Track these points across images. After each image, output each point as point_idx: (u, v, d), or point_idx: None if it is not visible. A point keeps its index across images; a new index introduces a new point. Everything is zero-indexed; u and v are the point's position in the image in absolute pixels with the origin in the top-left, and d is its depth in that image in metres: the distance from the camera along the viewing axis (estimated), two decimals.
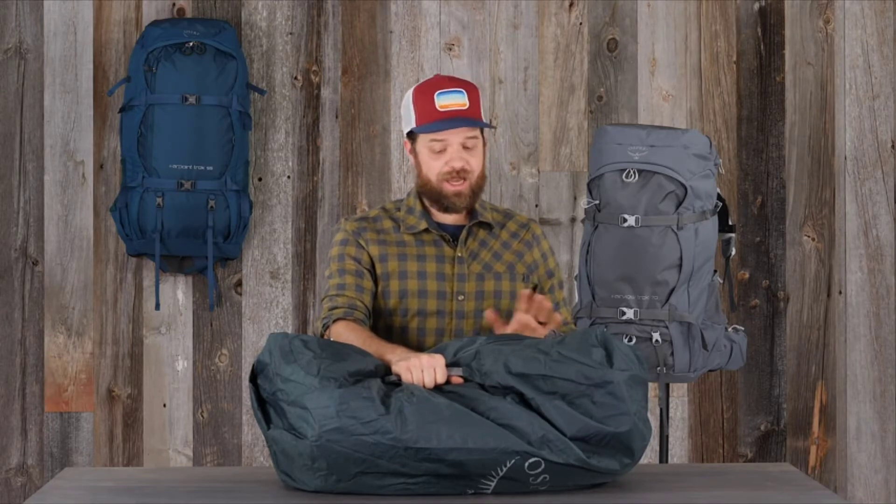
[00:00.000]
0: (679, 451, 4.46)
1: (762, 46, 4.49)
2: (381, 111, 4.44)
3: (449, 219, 3.21)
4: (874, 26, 4.48)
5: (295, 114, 4.44)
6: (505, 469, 2.62)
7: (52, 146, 4.39)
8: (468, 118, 3.13)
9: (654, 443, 4.43)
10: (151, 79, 4.22)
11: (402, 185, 4.43)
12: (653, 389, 4.43)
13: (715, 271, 3.73)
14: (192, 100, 4.21)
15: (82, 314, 4.40)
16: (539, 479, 2.64)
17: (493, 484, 2.64)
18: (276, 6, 4.43)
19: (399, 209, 3.23)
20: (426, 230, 3.18)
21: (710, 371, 3.77)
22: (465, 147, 3.15)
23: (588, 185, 3.73)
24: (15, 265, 4.40)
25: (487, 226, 3.23)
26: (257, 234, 4.43)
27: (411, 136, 3.19)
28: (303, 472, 2.65)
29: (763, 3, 4.48)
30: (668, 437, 3.81)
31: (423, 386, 2.74)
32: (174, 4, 4.41)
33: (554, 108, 4.46)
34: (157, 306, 4.32)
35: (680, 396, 4.46)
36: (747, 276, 4.48)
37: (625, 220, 3.63)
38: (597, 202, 3.69)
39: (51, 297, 4.39)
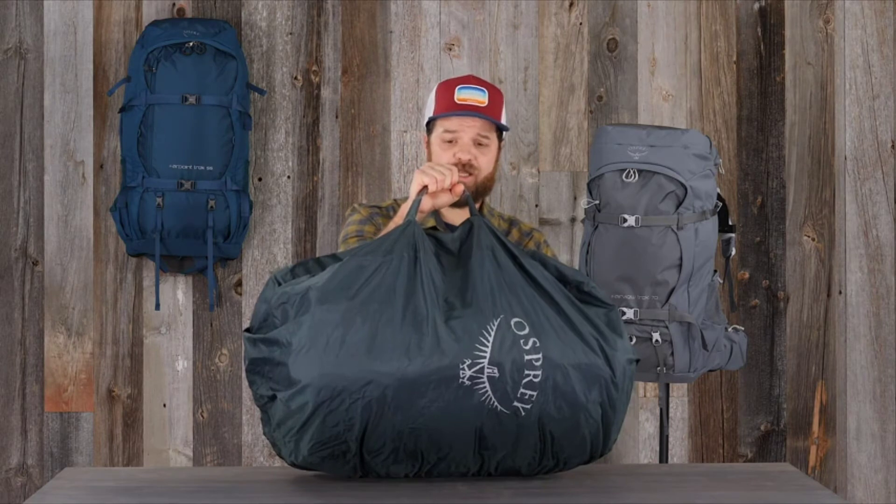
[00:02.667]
0: (679, 451, 4.46)
1: (762, 46, 4.49)
2: (381, 111, 4.44)
3: (457, 219, 3.22)
4: (874, 26, 4.48)
5: (295, 114, 4.44)
6: (494, 328, 2.59)
7: (52, 146, 4.39)
8: (482, 113, 3.16)
9: (653, 443, 4.43)
10: (151, 79, 4.22)
11: (402, 185, 4.43)
12: (653, 389, 4.43)
13: (715, 271, 3.73)
14: (192, 100, 4.22)
15: (82, 314, 4.40)
16: (530, 344, 2.60)
17: (487, 351, 2.56)
18: (276, 6, 4.43)
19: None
20: (434, 228, 3.20)
21: (710, 371, 3.77)
22: (476, 144, 3.18)
23: (588, 185, 3.73)
24: (15, 265, 4.40)
25: None
26: (257, 234, 4.43)
27: (429, 127, 3.23)
28: (298, 432, 2.61)
29: (763, 3, 4.48)
30: (668, 437, 3.81)
31: (442, 181, 2.85)
32: (174, 4, 4.41)
33: (554, 108, 4.46)
34: (157, 306, 4.32)
35: (680, 396, 4.46)
36: (747, 276, 4.48)
37: (625, 220, 3.63)
38: (597, 202, 3.70)
39: (51, 297, 4.39)
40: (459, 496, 2.64)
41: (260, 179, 4.43)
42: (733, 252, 3.84)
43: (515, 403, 2.60)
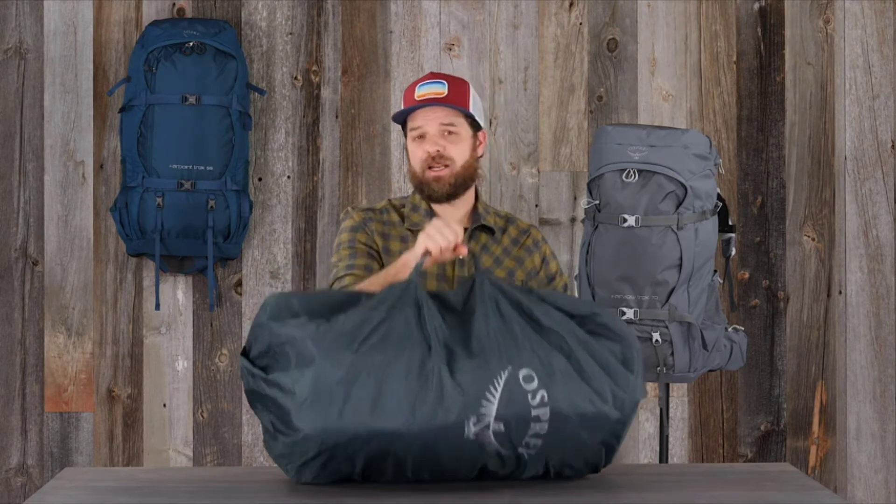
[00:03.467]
0: (679, 451, 4.46)
1: (762, 46, 4.49)
2: (381, 111, 4.44)
3: (453, 217, 3.22)
4: (874, 26, 4.48)
5: (295, 114, 4.44)
6: (501, 383, 2.59)
7: (52, 146, 4.39)
8: (440, 102, 3.15)
9: (653, 443, 4.43)
10: (151, 79, 4.22)
11: (402, 185, 4.43)
12: (653, 389, 4.43)
13: (715, 271, 3.73)
14: (192, 100, 4.22)
15: (82, 314, 4.40)
16: (538, 399, 2.59)
17: (494, 407, 2.56)
18: (276, 6, 4.43)
19: (404, 206, 3.26)
20: None
21: (710, 371, 3.77)
22: (445, 133, 3.17)
23: (588, 185, 3.73)
24: (15, 265, 4.40)
25: (489, 230, 3.24)
26: (257, 234, 4.43)
27: (405, 132, 3.25)
28: (300, 466, 2.62)
29: (763, 3, 4.48)
30: (668, 437, 3.81)
31: (447, 248, 2.81)
32: (174, 4, 4.42)
33: (554, 108, 4.46)
34: (157, 306, 4.32)
35: (680, 396, 4.46)
36: (747, 276, 4.48)
37: (625, 220, 3.63)
38: (597, 202, 3.70)
39: (51, 297, 4.39)
40: (460, 496, 2.65)
41: (260, 179, 4.43)
42: (733, 252, 3.84)
43: (520, 450, 2.62)
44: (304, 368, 2.56)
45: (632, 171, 3.65)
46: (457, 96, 3.19)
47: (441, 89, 3.19)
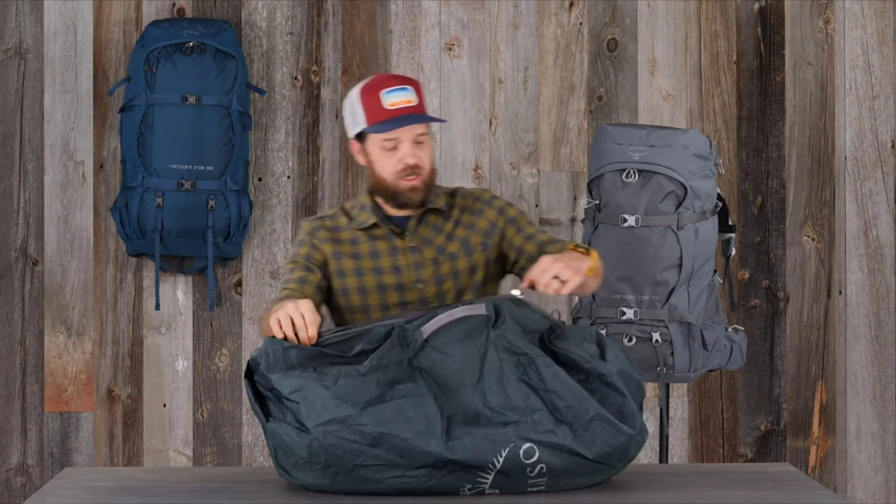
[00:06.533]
0: (679, 451, 4.46)
1: (762, 46, 4.49)
2: None
3: (401, 212, 3.23)
4: (874, 26, 4.48)
5: (295, 114, 4.44)
6: (501, 460, 2.63)
7: (52, 146, 4.40)
8: (419, 115, 3.14)
9: (653, 443, 4.43)
10: (151, 79, 4.22)
11: None
12: (653, 389, 4.43)
13: (715, 271, 3.73)
14: (192, 100, 4.22)
15: (82, 314, 4.40)
16: (536, 471, 2.64)
17: (489, 478, 2.64)
18: (276, 6, 4.43)
19: (354, 207, 3.27)
20: (376, 225, 3.21)
21: (710, 371, 3.77)
22: (416, 143, 3.16)
23: (588, 185, 3.74)
24: (15, 265, 4.40)
25: (439, 211, 3.24)
26: (257, 234, 4.43)
27: (360, 136, 3.19)
28: (300, 466, 2.65)
29: (763, 3, 4.48)
30: (668, 437, 3.81)
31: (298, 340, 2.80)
32: (174, 4, 4.42)
33: (554, 108, 4.46)
34: (157, 306, 4.32)
35: (680, 396, 4.46)
36: (747, 276, 4.48)
37: (625, 220, 3.64)
38: (597, 202, 3.70)
39: (51, 297, 4.39)
40: (460, 496, 2.65)
41: (260, 179, 4.44)
42: (733, 252, 3.84)
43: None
44: (302, 433, 2.64)
45: (632, 171, 3.65)
46: (423, 102, 3.18)
47: (410, 97, 3.16)
